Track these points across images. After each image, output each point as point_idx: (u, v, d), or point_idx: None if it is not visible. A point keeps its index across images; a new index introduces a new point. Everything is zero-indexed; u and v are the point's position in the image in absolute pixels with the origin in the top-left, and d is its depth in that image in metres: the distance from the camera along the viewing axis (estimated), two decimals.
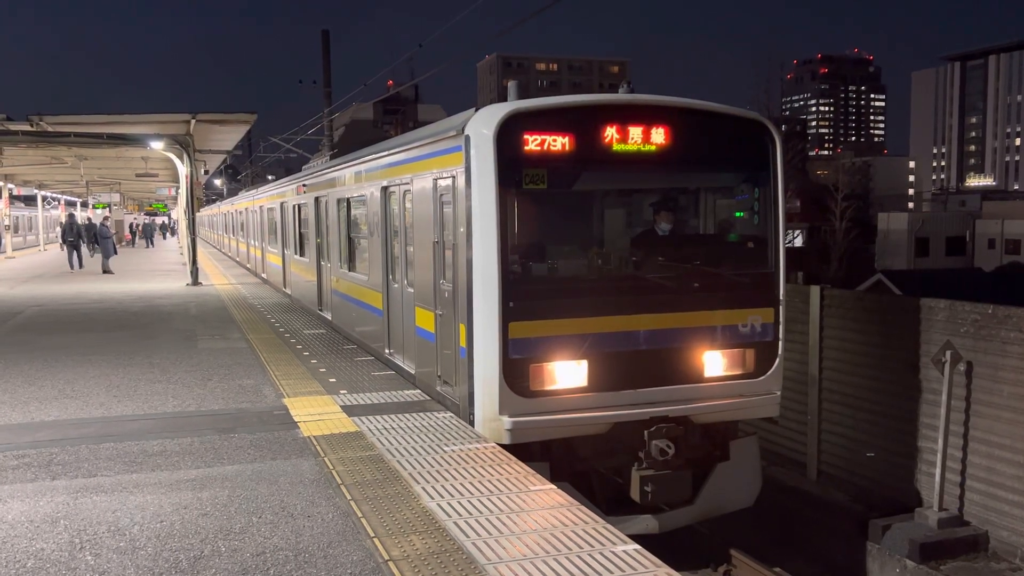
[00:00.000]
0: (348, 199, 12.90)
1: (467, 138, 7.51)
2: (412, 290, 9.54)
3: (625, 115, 7.64)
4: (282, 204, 20.15)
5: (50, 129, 22.11)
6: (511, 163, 7.27)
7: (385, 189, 10.53)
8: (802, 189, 59.77)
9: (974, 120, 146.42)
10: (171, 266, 33.07)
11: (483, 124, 7.40)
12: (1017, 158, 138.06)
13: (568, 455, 7.73)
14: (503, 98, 8.89)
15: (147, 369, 11.08)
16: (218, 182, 75.26)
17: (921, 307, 9.48)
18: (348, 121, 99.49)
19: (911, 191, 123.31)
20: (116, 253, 32.10)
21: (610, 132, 7.58)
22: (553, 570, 4.79)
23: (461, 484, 6.26)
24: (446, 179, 8.12)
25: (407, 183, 9.51)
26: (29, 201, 55.66)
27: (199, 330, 14.68)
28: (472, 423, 7.75)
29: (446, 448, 7.19)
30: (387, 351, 10.85)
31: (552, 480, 6.57)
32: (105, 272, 28.94)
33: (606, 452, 7.82)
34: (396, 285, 10.33)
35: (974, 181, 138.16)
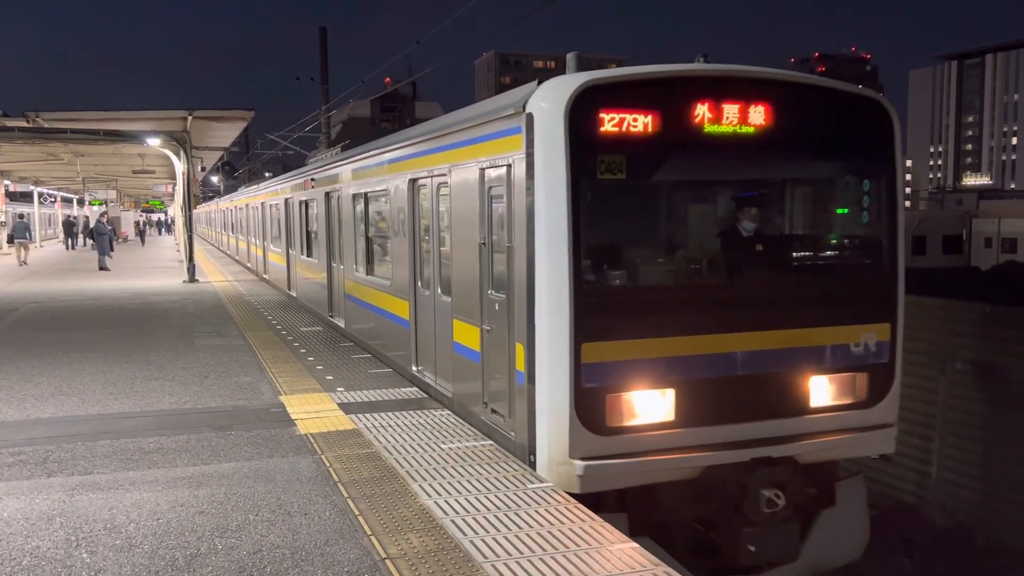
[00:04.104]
0: (365, 194, 11.71)
1: (529, 117, 6.25)
2: (448, 299, 8.26)
3: (719, 90, 6.36)
4: (287, 200, 19.01)
5: (46, 125, 22.09)
6: (585, 147, 6.02)
7: (413, 182, 9.28)
8: None
9: (971, 119, 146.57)
10: (168, 263, 33.02)
11: (551, 99, 6.14)
12: (1014, 157, 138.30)
13: (649, 504, 6.44)
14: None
15: (144, 366, 11.06)
16: (215, 179, 75.23)
17: None
18: (345, 118, 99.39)
19: (908, 190, 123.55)
20: (112, 251, 32.06)
21: (701, 110, 6.30)
22: (551, 568, 4.79)
23: (459, 482, 6.25)
24: (498, 168, 6.90)
25: (442, 174, 8.25)
26: (25, 197, 55.62)
27: (196, 327, 14.66)
28: (531, 464, 6.45)
29: (443, 446, 7.19)
30: (415, 367, 9.59)
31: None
32: (102, 269, 28.92)
33: (695, 500, 6.48)
34: (427, 293, 9.09)
35: (971, 180, 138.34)
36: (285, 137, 45.74)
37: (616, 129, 6.07)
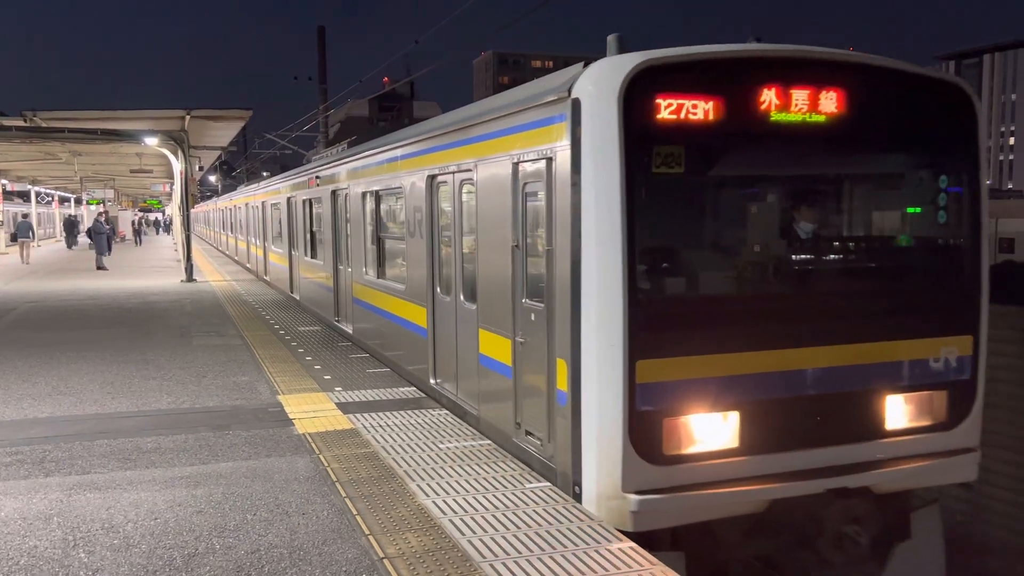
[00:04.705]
0: (377, 192, 10.97)
1: (575, 103, 5.55)
2: (473, 307, 7.56)
3: (787, 74, 5.69)
4: (289, 199, 18.19)
5: (44, 125, 22.06)
6: (640, 137, 5.34)
7: (432, 179, 8.55)
8: None
9: None
10: (166, 263, 33.01)
11: (602, 82, 5.40)
12: (1011, 157, 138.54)
13: (708, 542, 5.75)
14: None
15: (141, 366, 11.05)
16: (213, 178, 75.22)
17: None
18: (343, 118, 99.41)
19: None
20: (110, 250, 32.09)
21: (768, 96, 5.62)
22: (548, 567, 4.79)
23: (457, 481, 6.25)
24: (535, 162, 6.19)
25: (467, 170, 7.54)
26: (23, 196, 55.67)
27: (194, 327, 14.65)
28: (576, 496, 5.76)
29: (441, 445, 7.18)
30: (433, 380, 8.87)
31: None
32: (99, 268, 28.92)
33: (761, 537, 5.80)
34: (447, 299, 8.36)
35: None
36: (283, 136, 45.74)
37: (674, 117, 5.37)
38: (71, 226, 49.60)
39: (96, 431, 7.87)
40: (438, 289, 8.66)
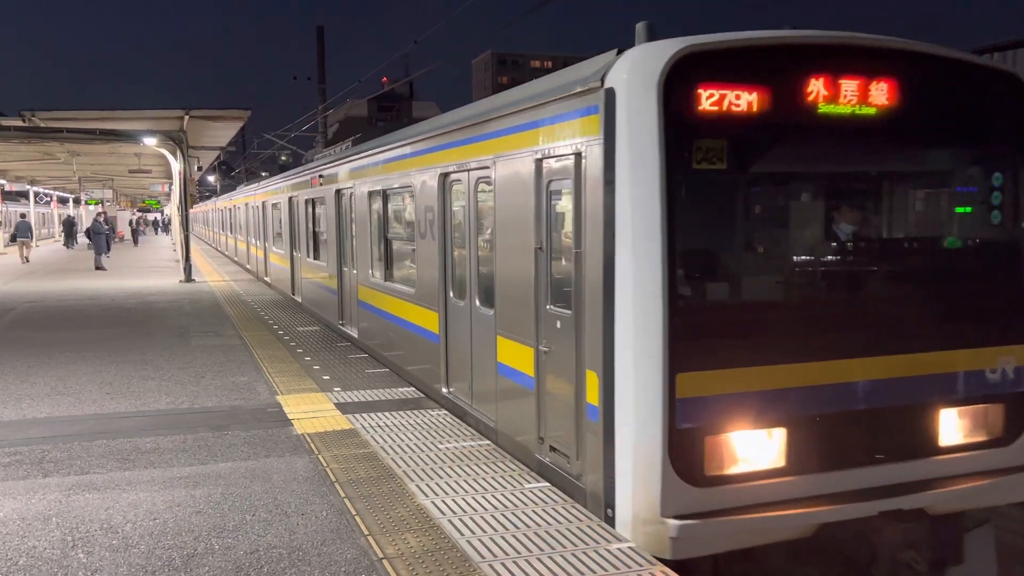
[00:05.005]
0: (384, 191, 10.55)
1: (609, 94, 5.14)
2: (490, 313, 7.19)
3: (836, 62, 5.30)
4: (290, 199, 17.79)
5: (42, 125, 22.04)
6: (681, 130, 4.96)
7: (445, 176, 8.17)
8: None
9: None
10: (164, 263, 33.00)
11: (640, 70, 5.00)
12: None
13: (751, 570, 5.40)
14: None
15: (140, 366, 11.04)
16: (212, 178, 75.21)
17: None
18: (342, 118, 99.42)
19: None
20: (109, 250, 32.10)
21: (816, 87, 5.23)
22: (547, 568, 4.79)
23: (456, 482, 6.25)
24: (562, 158, 5.82)
25: (484, 167, 7.16)
26: (22, 196, 55.73)
27: (193, 327, 14.65)
28: (608, 519, 5.36)
29: (440, 446, 7.18)
30: (446, 388, 8.50)
31: None
32: (98, 269, 28.93)
33: (807, 564, 5.46)
34: (461, 304, 7.98)
35: None
36: (282, 137, 45.74)
37: (716, 108, 4.98)
38: (69, 226, 49.68)
39: (95, 431, 7.87)
40: (451, 293, 8.30)
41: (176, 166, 25.18)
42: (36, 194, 53.09)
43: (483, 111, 7.30)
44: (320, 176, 14.55)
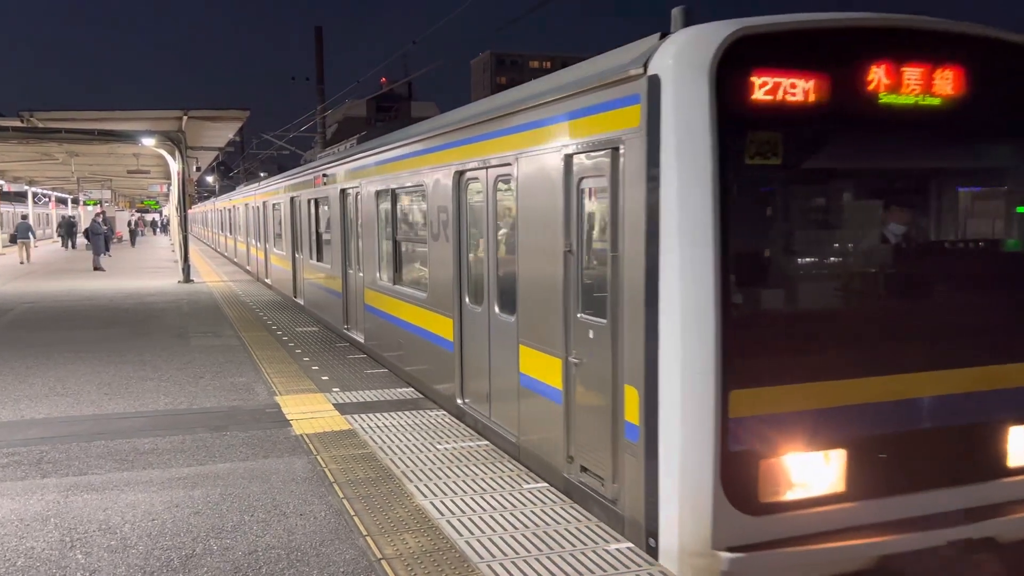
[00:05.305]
0: (393, 190, 10.13)
1: (653, 81, 4.69)
2: (511, 319, 6.78)
3: (899, 48, 4.85)
4: (293, 199, 17.41)
5: (41, 125, 22.02)
6: (734, 122, 4.54)
7: (460, 175, 7.79)
8: None
9: None
10: (163, 263, 32.99)
11: (689, 55, 4.56)
12: None
13: None
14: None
15: (139, 367, 11.04)
16: (210, 179, 75.18)
17: None
18: (341, 118, 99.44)
19: None
20: (108, 251, 32.12)
21: (876, 75, 4.79)
22: (546, 568, 4.78)
23: (454, 482, 6.25)
24: (595, 153, 5.38)
25: (504, 164, 6.76)
26: (19, 197, 55.78)
27: (191, 327, 14.64)
28: (650, 549, 4.91)
29: (439, 446, 7.18)
30: (461, 400, 8.08)
31: None
32: (96, 269, 28.93)
33: None
34: (478, 309, 7.58)
35: None
36: (280, 137, 45.72)
37: (770, 97, 4.56)
38: (70, 227, 49.77)
39: (93, 432, 7.86)
40: (466, 298, 7.86)
41: (174, 166, 25.18)
42: (34, 194, 53.06)
43: (503, 105, 6.85)
44: (324, 175, 14.19)
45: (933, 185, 5.42)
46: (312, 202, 15.41)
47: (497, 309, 7.15)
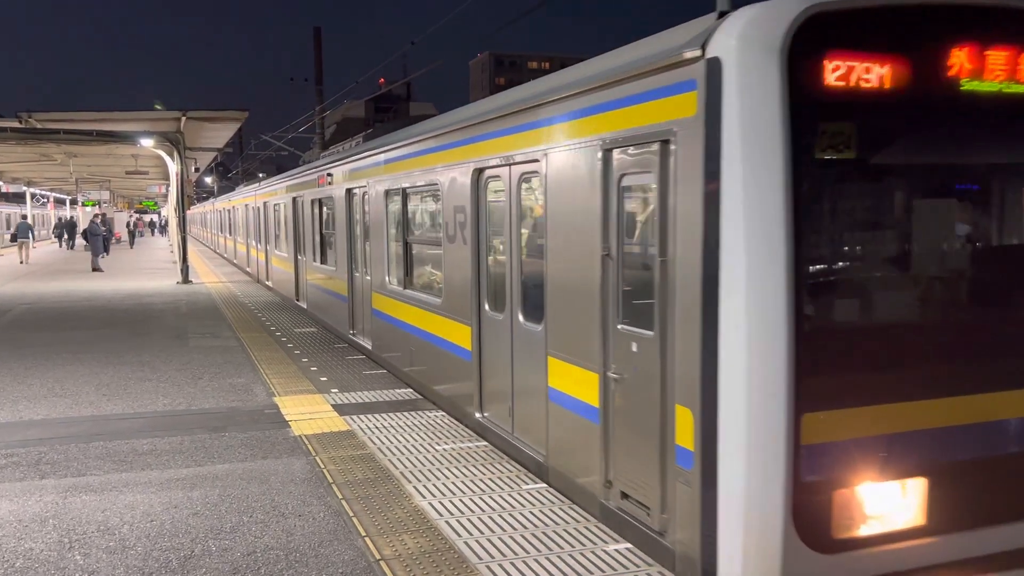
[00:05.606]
0: (404, 190, 9.66)
1: (712, 64, 4.19)
2: (538, 328, 6.33)
3: (981, 29, 4.35)
4: (295, 199, 16.93)
5: (39, 126, 22.01)
6: (806, 111, 4.05)
7: (480, 172, 7.32)
8: None
9: None
10: (161, 264, 32.98)
11: (756, 34, 4.06)
12: None
13: None
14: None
15: (137, 368, 11.03)
16: (209, 180, 75.18)
17: None
18: (340, 119, 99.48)
19: None
20: (107, 252, 32.14)
21: (958, 59, 4.29)
22: (545, 569, 4.78)
23: (453, 483, 6.25)
24: (641, 146, 4.88)
25: (531, 160, 6.30)
26: (18, 198, 55.87)
27: (190, 328, 14.64)
28: None
29: (438, 447, 7.18)
30: (480, 413, 7.61)
31: None
32: (95, 270, 28.92)
33: None
34: (499, 317, 7.11)
35: None
36: (279, 138, 45.69)
37: (843, 83, 4.08)
38: (71, 228, 49.94)
39: (92, 433, 7.86)
40: (486, 305, 7.40)
41: (173, 167, 25.17)
42: (32, 195, 53.06)
43: (530, 96, 6.33)
44: (328, 174, 13.70)
45: (1018, 183, 4.80)
46: (316, 202, 15.01)
47: (521, 317, 6.70)
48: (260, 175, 60.29)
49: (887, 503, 4.28)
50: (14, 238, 37.52)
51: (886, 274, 4.59)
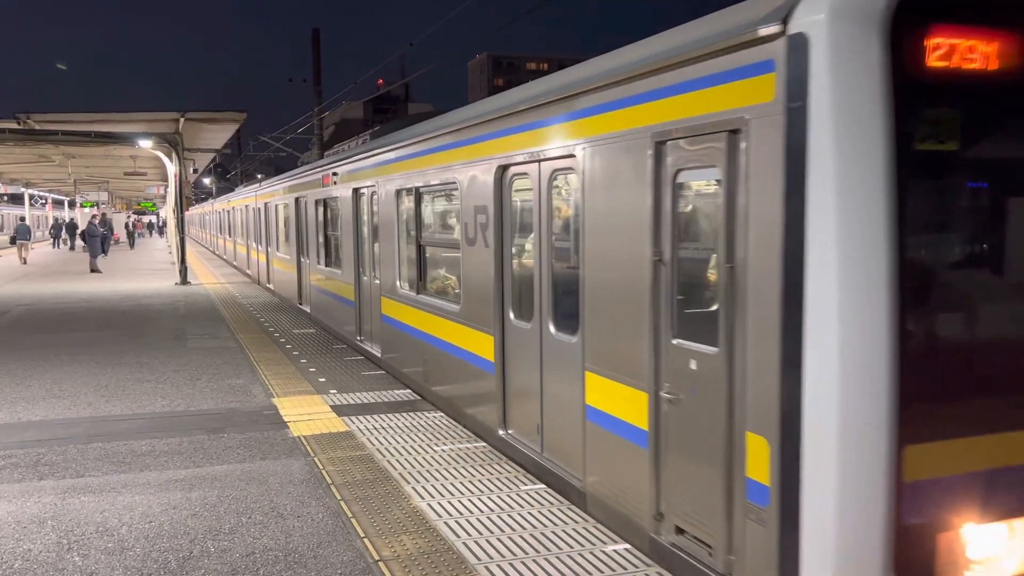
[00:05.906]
0: (417, 189, 9.08)
1: (796, 41, 3.60)
2: (573, 340, 5.80)
3: None
4: (298, 199, 16.45)
5: (37, 127, 22.00)
6: (909, 95, 3.50)
7: (504, 169, 6.80)
8: None
9: None
10: (160, 265, 32.96)
11: (851, 5, 3.47)
12: None
13: None
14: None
15: (136, 368, 11.02)
16: (207, 181, 75.15)
17: None
18: (338, 120, 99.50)
19: None
20: (106, 253, 32.15)
21: None
22: (544, 570, 4.79)
23: (452, 484, 6.25)
24: (703, 137, 4.29)
25: (564, 156, 5.76)
26: (16, 200, 56.01)
27: (188, 329, 14.63)
28: None
29: (436, 448, 7.18)
30: (504, 431, 7.07)
31: None
32: (93, 271, 28.91)
33: None
34: (526, 326, 6.59)
35: None
36: (278, 139, 45.70)
37: (944, 64, 3.52)
38: (72, 229, 50.04)
39: (90, 434, 7.85)
40: (510, 313, 6.88)
41: (171, 168, 25.16)
42: (31, 196, 53.09)
43: (562, 86, 5.76)
44: (334, 173, 13.06)
45: None
46: (320, 203, 14.44)
47: (552, 327, 6.17)
48: (259, 176, 60.26)
49: (994, 546, 3.78)
50: (13, 240, 37.71)
51: (1001, 284, 4.01)
